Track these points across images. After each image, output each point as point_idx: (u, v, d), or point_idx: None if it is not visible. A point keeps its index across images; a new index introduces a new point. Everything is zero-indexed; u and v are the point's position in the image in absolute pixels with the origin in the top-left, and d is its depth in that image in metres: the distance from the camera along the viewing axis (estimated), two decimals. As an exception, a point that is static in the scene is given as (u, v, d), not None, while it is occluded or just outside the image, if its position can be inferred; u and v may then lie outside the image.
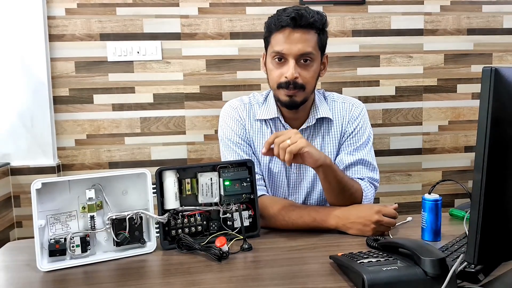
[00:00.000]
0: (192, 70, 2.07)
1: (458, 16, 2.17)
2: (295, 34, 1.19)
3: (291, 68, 1.19)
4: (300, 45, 1.19)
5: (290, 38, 1.19)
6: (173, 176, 1.08)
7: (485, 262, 0.74)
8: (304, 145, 1.07)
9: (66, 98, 2.02)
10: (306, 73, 1.22)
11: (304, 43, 1.19)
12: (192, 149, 2.11)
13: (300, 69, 1.21)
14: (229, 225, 1.13)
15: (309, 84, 1.23)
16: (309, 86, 1.23)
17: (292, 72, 1.19)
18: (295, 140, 1.07)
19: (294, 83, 1.21)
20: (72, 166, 2.05)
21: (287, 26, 1.19)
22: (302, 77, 1.21)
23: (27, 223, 1.98)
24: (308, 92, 1.25)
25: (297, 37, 1.19)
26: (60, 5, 1.98)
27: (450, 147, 2.24)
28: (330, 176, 1.15)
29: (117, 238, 1.03)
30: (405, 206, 2.23)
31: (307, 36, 1.20)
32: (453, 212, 1.27)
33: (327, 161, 1.12)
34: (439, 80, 2.20)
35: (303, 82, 1.21)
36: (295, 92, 1.22)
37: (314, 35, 1.21)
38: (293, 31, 1.19)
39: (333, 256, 0.94)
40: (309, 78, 1.22)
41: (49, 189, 0.99)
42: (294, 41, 1.19)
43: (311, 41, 1.21)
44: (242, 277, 0.91)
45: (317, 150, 1.12)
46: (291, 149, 1.06)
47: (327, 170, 1.14)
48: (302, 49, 1.19)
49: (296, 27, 1.19)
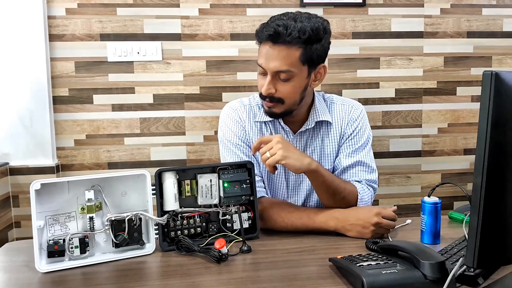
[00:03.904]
0: (192, 71, 2.07)
1: (458, 19, 2.17)
2: (274, 50, 1.16)
3: (265, 84, 1.19)
4: (276, 63, 1.16)
5: (268, 54, 1.17)
6: (172, 177, 1.08)
7: (484, 265, 0.74)
8: (280, 158, 1.09)
9: (65, 98, 2.02)
10: (284, 89, 1.19)
11: (280, 61, 1.16)
12: (192, 150, 2.10)
13: (279, 84, 1.19)
14: (228, 227, 1.13)
15: (289, 98, 1.21)
16: (289, 100, 1.21)
17: (265, 88, 1.19)
18: (274, 152, 1.10)
19: (270, 97, 1.21)
20: (71, 166, 2.05)
21: (266, 40, 1.17)
22: (280, 92, 1.20)
23: (25, 223, 1.98)
24: (290, 104, 1.22)
25: (274, 54, 1.16)
26: (61, 5, 1.98)
27: (450, 149, 2.24)
28: (317, 181, 1.16)
29: (116, 239, 1.03)
30: (404, 208, 2.23)
31: (286, 52, 1.15)
32: (452, 215, 1.28)
33: (311, 168, 1.12)
34: (439, 82, 2.20)
35: (280, 96, 1.20)
36: (273, 105, 1.22)
37: (297, 50, 1.15)
38: (273, 46, 1.16)
39: (332, 259, 0.94)
40: (288, 93, 1.20)
41: (48, 189, 0.99)
42: (271, 58, 1.16)
43: (290, 57, 1.15)
44: (241, 279, 0.91)
45: (297, 159, 1.11)
46: (268, 163, 1.11)
47: (312, 176, 1.15)
48: (277, 66, 1.16)
49: (276, 43, 1.15)
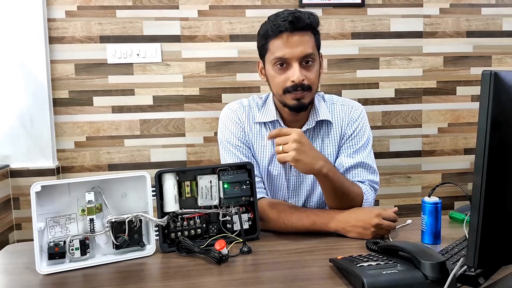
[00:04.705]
0: (192, 72, 2.07)
1: (458, 18, 2.18)
2: (294, 38, 1.19)
3: (297, 72, 1.20)
4: (301, 48, 1.19)
5: (290, 42, 1.19)
6: (172, 178, 1.08)
7: (485, 265, 0.74)
8: (290, 159, 1.08)
9: (65, 100, 2.02)
10: (310, 74, 1.23)
11: (305, 45, 1.20)
12: (192, 151, 2.10)
13: (305, 71, 1.22)
14: (228, 228, 1.13)
15: (314, 84, 1.25)
16: (314, 86, 1.25)
17: (298, 75, 1.19)
18: (287, 149, 1.08)
19: (302, 85, 1.21)
20: (71, 168, 2.05)
21: (285, 31, 1.19)
22: (308, 79, 1.22)
23: (26, 225, 1.98)
24: (314, 93, 1.27)
25: (297, 40, 1.19)
26: (60, 8, 1.98)
27: (450, 149, 2.24)
28: (326, 184, 1.15)
29: (117, 241, 1.03)
30: (405, 208, 2.23)
31: (306, 38, 1.21)
32: (453, 215, 1.27)
33: (322, 172, 1.11)
34: (439, 82, 2.20)
35: (309, 83, 1.22)
36: (303, 94, 1.22)
37: (311, 36, 1.23)
38: (292, 34, 1.19)
39: (333, 259, 0.94)
40: (314, 79, 1.24)
41: (49, 192, 0.99)
42: (295, 44, 1.19)
43: (310, 42, 1.22)
44: (242, 280, 0.91)
45: (309, 163, 1.09)
46: (278, 159, 1.11)
47: (322, 179, 1.14)
48: (304, 51, 1.20)
49: (294, 30, 1.19)
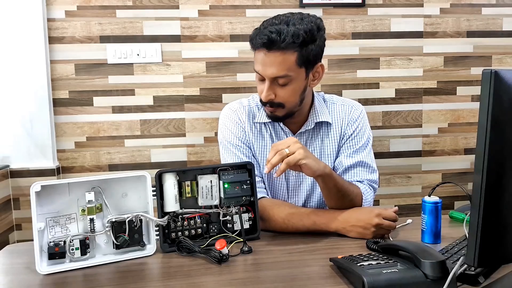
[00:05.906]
0: (192, 72, 2.07)
1: (458, 18, 2.17)
2: (269, 57, 1.15)
3: (265, 90, 1.19)
4: (273, 69, 1.16)
5: (264, 60, 1.16)
6: (173, 178, 1.08)
7: (485, 264, 0.74)
8: (301, 157, 1.04)
9: (66, 100, 2.02)
10: (283, 93, 1.19)
11: (278, 67, 1.15)
12: (192, 151, 2.10)
13: (277, 89, 1.19)
14: (229, 228, 1.13)
15: (289, 102, 1.21)
16: (289, 103, 1.21)
17: (265, 95, 1.19)
18: (293, 150, 1.05)
19: (270, 102, 1.21)
20: (72, 168, 2.05)
21: (261, 48, 1.16)
22: (279, 97, 1.20)
23: (26, 226, 1.98)
24: (291, 107, 1.23)
25: (270, 61, 1.15)
26: (60, 8, 1.98)
27: (450, 149, 2.24)
28: (329, 185, 1.14)
29: (117, 241, 1.03)
30: (405, 208, 2.23)
31: (282, 58, 1.14)
32: (453, 214, 1.27)
33: (326, 171, 1.10)
34: (439, 82, 2.20)
35: (280, 101, 1.20)
36: (274, 110, 1.23)
37: (293, 55, 1.15)
38: (268, 53, 1.15)
39: (333, 259, 0.94)
40: (287, 97, 1.20)
41: (49, 191, 0.99)
42: (268, 64, 1.16)
43: (287, 62, 1.15)
44: (242, 280, 0.91)
45: (315, 160, 1.08)
46: (288, 161, 1.04)
47: (326, 179, 1.13)
48: (275, 73, 1.16)
49: (271, 50, 1.14)
